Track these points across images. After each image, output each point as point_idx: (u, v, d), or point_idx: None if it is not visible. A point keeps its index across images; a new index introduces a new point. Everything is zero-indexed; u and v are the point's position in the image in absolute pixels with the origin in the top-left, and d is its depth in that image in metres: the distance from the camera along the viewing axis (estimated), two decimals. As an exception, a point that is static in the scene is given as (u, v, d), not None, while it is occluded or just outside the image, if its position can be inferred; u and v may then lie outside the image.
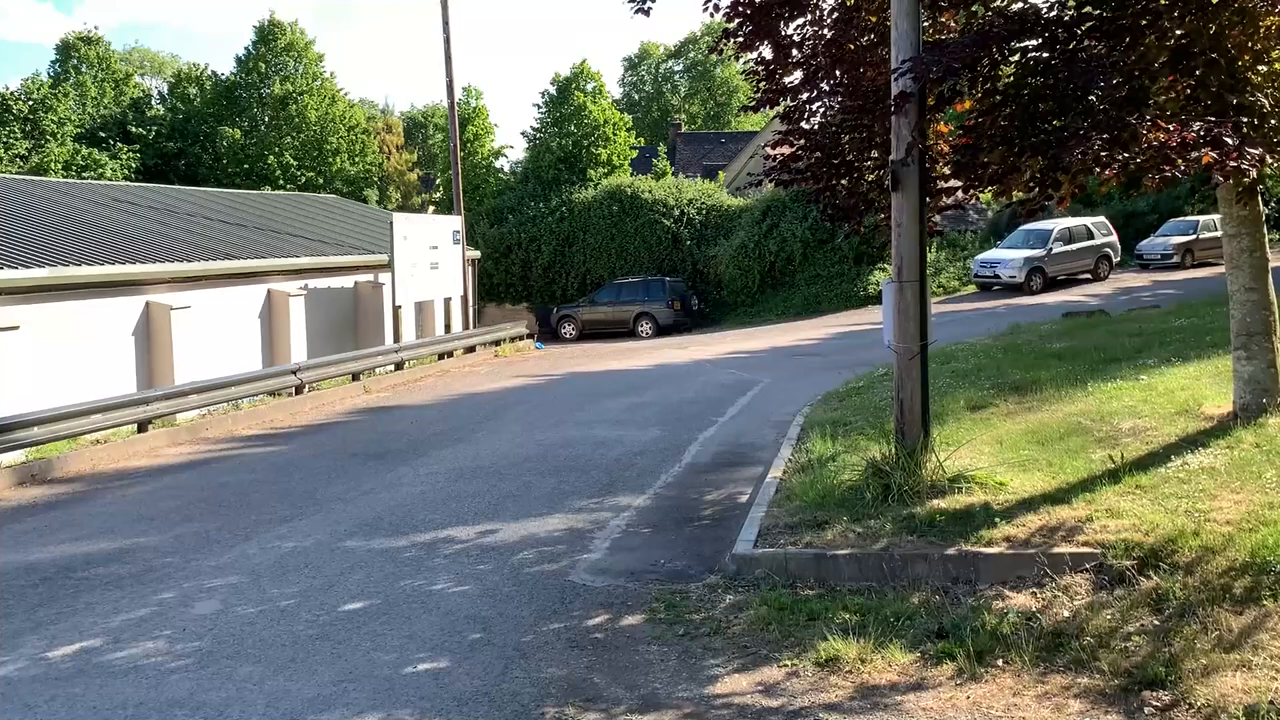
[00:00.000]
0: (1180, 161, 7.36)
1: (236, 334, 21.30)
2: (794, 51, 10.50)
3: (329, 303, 24.84)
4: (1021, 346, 16.56)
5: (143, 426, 15.61)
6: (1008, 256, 30.86)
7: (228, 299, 21.11)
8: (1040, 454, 9.39)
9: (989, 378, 13.71)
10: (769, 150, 11.19)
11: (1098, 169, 8.35)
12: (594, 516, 9.69)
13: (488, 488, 11.24)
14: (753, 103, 10.85)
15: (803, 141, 10.57)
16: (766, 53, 10.64)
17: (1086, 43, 8.40)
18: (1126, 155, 7.59)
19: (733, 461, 12.01)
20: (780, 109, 11.03)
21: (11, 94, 42.13)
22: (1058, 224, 31.25)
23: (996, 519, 7.69)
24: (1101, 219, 32.08)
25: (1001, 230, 35.62)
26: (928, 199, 9.20)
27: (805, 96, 10.51)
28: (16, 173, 37.83)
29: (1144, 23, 8.10)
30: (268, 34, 47.25)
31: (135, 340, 18.34)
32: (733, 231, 36.19)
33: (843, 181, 10.55)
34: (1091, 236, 31.25)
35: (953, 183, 9.93)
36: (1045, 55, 8.65)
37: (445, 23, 29.30)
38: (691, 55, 73.12)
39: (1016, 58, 8.96)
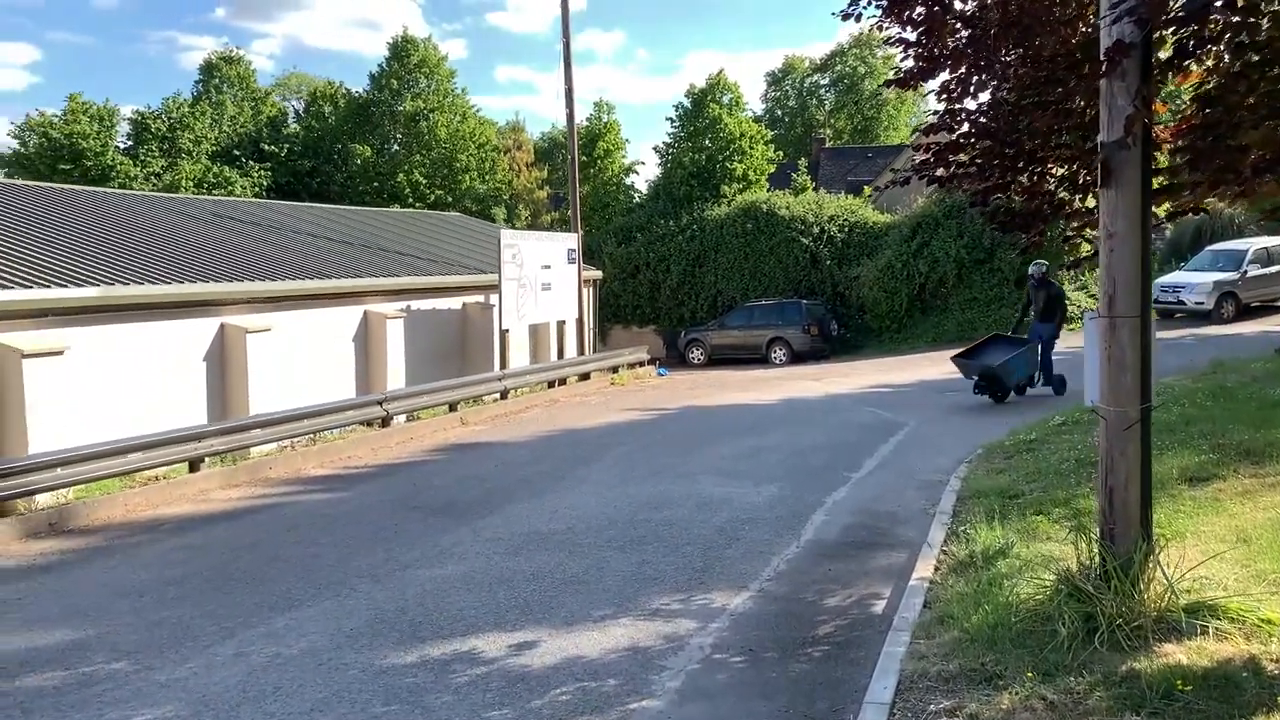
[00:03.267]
0: None
1: (327, 359, 19.60)
2: (956, 5, 7.91)
3: (434, 325, 23.06)
4: (1235, 391, 13.36)
5: (194, 465, 13.86)
6: (1194, 280, 27.08)
7: (318, 321, 19.43)
8: (1314, 566, 6.51)
9: (1203, 435, 10.69)
10: (920, 139, 8.56)
11: None
12: (671, 626, 7.20)
13: (551, 566, 8.92)
14: (900, 75, 8.20)
15: (965, 126, 7.94)
16: (918, 12, 8.05)
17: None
18: None
19: (867, 541, 9.37)
20: (935, 86, 8.38)
21: (151, 113, 42.39)
22: (1252, 244, 27.37)
23: (1276, 691, 4.92)
24: (1304, 236, 27.93)
25: (1184, 250, 31.66)
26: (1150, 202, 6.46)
27: (969, 64, 7.87)
28: (151, 189, 37.75)
29: None
30: (400, 50, 46.58)
31: (208, 366, 16.75)
32: (878, 250, 33.04)
33: (1020, 178, 7.89)
34: (1293, 258, 27.16)
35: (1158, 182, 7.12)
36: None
37: (565, 26, 27.44)
38: (838, 68, 69.87)
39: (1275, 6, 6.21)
